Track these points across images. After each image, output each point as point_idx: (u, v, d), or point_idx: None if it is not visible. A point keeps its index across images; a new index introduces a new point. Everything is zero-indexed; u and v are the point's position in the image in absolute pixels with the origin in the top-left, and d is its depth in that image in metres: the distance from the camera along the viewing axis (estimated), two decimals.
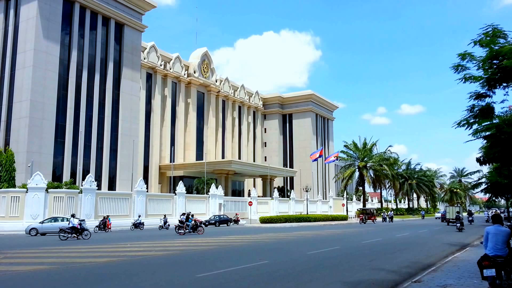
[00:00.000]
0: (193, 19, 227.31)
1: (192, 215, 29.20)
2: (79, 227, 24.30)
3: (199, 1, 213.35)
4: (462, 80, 13.45)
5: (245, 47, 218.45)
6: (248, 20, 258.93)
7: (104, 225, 32.83)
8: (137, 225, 35.17)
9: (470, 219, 48.59)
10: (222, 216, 43.88)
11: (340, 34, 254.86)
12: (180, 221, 28.51)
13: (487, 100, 13.65)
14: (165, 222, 36.42)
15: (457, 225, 32.62)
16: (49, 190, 33.94)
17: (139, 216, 37.19)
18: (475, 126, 14.17)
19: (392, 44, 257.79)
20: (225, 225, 42.56)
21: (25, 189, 33.26)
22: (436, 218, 67.84)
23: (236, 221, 45.11)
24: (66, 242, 22.19)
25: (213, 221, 42.20)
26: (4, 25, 46.06)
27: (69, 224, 24.93)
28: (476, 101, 13.82)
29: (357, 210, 53.99)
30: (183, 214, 29.85)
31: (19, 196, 33.10)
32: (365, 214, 51.70)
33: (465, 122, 13.71)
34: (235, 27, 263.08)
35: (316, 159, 64.01)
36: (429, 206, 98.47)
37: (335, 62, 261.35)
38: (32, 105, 41.66)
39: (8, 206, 32.87)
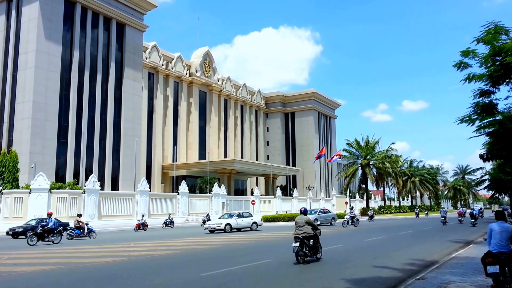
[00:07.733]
0: (192, 17, 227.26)
1: None
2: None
3: None
4: (466, 81, 13.29)
5: (244, 44, 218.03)
6: (247, 17, 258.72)
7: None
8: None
9: None
10: (50, 221, 21.52)
11: (339, 28, 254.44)
12: None
13: (492, 96, 13.52)
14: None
15: None
16: (52, 190, 34.02)
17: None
18: (477, 123, 14.07)
19: (393, 38, 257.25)
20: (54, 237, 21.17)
21: (29, 190, 33.35)
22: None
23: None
24: (69, 242, 22.22)
25: (21, 230, 25.50)
26: (5, 26, 46.20)
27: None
28: (481, 98, 13.70)
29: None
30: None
31: (22, 197, 33.20)
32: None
33: (467, 118, 13.62)
34: (233, 24, 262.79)
35: (319, 157, 63.94)
36: (432, 203, 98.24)
37: (336, 57, 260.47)
38: (35, 106, 41.78)
39: (12, 207, 32.97)
